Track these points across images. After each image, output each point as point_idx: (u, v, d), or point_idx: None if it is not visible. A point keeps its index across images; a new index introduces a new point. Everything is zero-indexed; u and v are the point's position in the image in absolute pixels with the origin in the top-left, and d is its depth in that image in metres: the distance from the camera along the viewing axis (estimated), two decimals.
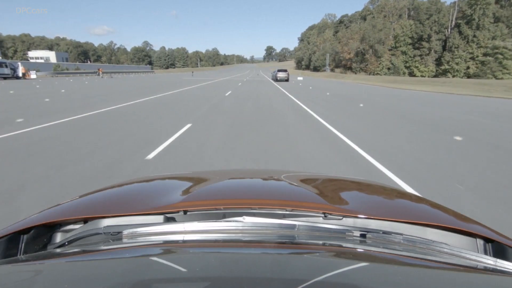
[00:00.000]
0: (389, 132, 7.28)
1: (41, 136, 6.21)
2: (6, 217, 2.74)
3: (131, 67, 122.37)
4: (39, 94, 16.47)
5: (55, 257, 0.64)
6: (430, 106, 13.58)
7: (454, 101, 15.99)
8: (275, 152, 5.25)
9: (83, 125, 7.58)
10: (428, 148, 5.71)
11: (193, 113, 9.81)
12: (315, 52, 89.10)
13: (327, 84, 33.95)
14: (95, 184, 3.56)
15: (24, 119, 8.15)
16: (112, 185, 1.08)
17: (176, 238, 0.66)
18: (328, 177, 1.35)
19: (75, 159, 4.65)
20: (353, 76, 54.71)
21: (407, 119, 9.31)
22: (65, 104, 11.98)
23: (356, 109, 11.85)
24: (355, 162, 4.77)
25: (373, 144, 5.92)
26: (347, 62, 67.53)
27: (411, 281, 0.50)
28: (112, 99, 14.26)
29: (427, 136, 6.85)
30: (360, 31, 62.11)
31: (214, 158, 4.85)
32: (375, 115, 10.09)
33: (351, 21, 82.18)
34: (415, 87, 28.65)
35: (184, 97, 15.91)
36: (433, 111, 11.45)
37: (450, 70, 56.29)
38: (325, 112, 10.78)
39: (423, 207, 0.95)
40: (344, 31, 72.49)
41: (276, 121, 8.52)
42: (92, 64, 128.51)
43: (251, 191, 1.02)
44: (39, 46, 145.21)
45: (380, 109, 12.09)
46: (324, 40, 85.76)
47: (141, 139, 6.01)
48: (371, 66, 60.83)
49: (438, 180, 3.96)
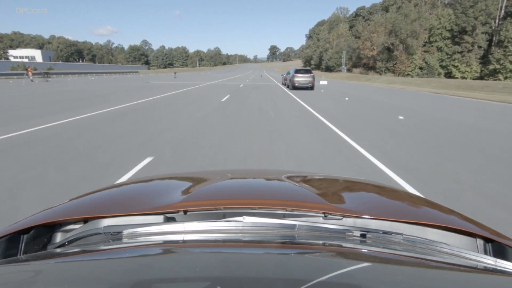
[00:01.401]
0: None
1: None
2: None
3: (117, 67, 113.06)
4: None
5: (55, 257, 0.64)
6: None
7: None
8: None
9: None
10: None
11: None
12: (327, 49, 77.77)
13: (359, 90, 22.61)
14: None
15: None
16: (112, 185, 1.08)
17: (176, 238, 0.66)
18: (328, 177, 1.35)
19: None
20: (381, 78, 43.62)
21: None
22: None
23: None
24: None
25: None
26: (368, 61, 56.22)
27: (411, 281, 0.50)
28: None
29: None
30: (387, 22, 50.59)
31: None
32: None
33: (371, 12, 70.74)
34: (468, 93, 19.83)
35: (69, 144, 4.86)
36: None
37: (502, 71, 44.82)
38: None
39: (423, 207, 0.94)
40: (364, 24, 60.81)
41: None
42: (83, 64, 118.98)
43: (251, 191, 1.01)
44: (29, 44, 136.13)
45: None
46: (338, 35, 74.35)
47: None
48: (400, 66, 49.55)
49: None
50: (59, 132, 6.50)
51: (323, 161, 4.50)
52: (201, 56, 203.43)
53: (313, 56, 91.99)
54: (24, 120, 7.94)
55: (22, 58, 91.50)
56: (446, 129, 7.19)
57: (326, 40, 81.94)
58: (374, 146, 5.40)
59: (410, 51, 48.54)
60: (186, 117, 8.68)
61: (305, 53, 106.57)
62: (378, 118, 8.78)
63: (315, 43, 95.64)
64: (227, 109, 10.44)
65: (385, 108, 11.40)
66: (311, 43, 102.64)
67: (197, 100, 13.53)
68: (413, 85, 30.44)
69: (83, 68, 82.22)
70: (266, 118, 8.49)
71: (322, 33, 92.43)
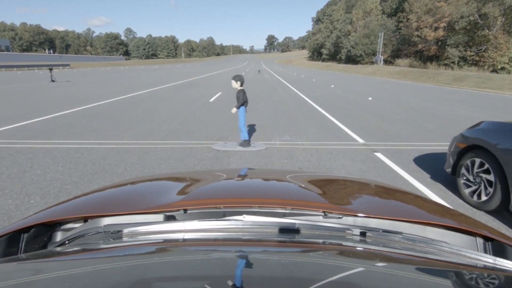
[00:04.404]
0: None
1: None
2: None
3: (82, 57, 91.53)
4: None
5: (55, 256, 0.64)
6: None
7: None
8: None
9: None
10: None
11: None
12: (348, 33, 56.94)
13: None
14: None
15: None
16: (112, 184, 1.07)
17: (176, 237, 0.66)
18: (328, 177, 1.34)
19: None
20: (470, 75, 23.48)
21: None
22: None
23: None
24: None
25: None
26: (427, 47, 35.87)
27: (411, 280, 0.50)
28: None
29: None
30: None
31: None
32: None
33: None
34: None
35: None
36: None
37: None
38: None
39: (423, 206, 0.93)
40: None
41: None
42: (53, 55, 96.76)
43: (251, 190, 1.00)
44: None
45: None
46: (366, 13, 53.49)
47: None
48: (493, 53, 29.32)
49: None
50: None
51: None
52: (192, 46, 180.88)
53: (325, 43, 70.91)
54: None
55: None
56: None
57: (345, 21, 60.95)
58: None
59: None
60: None
61: (314, 40, 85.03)
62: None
63: (327, 27, 74.52)
64: None
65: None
66: (322, 26, 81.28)
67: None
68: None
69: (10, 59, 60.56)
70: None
71: (337, 13, 71.33)
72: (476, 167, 2.98)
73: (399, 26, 43.73)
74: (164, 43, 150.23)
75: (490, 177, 2.79)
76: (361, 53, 48.63)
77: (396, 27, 44.78)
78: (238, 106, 4.68)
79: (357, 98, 12.12)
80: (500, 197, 2.67)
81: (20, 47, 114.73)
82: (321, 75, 32.02)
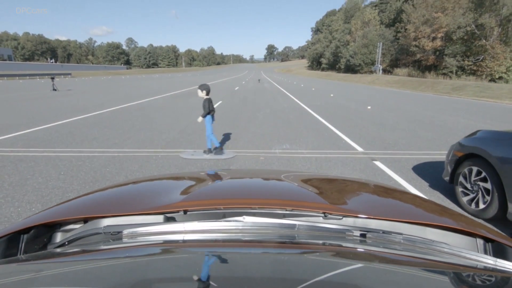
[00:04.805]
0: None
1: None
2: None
3: (78, 66, 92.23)
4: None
5: (55, 256, 0.64)
6: None
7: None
8: None
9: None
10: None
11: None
12: (347, 42, 57.65)
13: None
14: None
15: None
16: (112, 185, 1.06)
17: (176, 238, 0.66)
18: (328, 177, 1.33)
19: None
20: (468, 85, 23.66)
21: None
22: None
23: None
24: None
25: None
26: (425, 56, 36.26)
27: (411, 281, 0.50)
28: None
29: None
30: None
31: None
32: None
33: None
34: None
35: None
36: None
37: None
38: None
39: (423, 207, 0.92)
40: (419, 1, 39.70)
41: None
42: (55, 64, 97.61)
43: (251, 191, 1.00)
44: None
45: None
46: (365, 23, 54.29)
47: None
48: (491, 63, 29.63)
49: None
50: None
51: None
52: (192, 56, 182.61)
53: (324, 52, 71.69)
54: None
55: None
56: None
57: (344, 31, 61.78)
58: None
59: (510, 40, 28.57)
60: None
61: (312, 50, 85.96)
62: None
63: (326, 37, 75.43)
64: None
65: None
66: (321, 36, 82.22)
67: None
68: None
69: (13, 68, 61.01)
70: None
71: (336, 23, 72.31)
72: (474, 175, 3.01)
73: (397, 36, 44.18)
74: (165, 53, 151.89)
75: (487, 185, 2.82)
76: (360, 62, 49.07)
77: (394, 37, 45.27)
78: (204, 115, 4.72)
79: (356, 107, 12.21)
80: (497, 205, 2.69)
81: (23, 56, 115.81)
82: (320, 84, 32.26)
